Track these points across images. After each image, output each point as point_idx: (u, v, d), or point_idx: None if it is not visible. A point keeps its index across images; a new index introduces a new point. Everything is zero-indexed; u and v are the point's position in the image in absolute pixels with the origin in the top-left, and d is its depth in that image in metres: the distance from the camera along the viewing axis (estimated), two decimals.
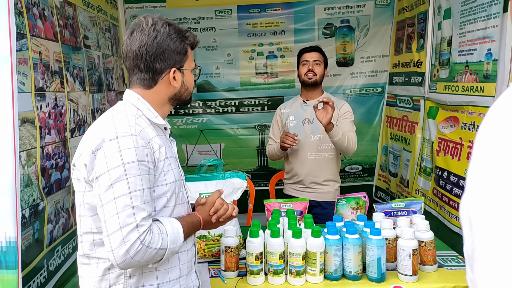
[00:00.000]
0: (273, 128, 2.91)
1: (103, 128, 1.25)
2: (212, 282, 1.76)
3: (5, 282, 1.41)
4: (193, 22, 3.83)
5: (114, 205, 1.17)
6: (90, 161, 1.22)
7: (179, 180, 1.37)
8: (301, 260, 1.72)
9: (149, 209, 1.21)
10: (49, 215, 1.88)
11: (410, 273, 1.72)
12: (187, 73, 1.39)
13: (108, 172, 1.18)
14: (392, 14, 3.77)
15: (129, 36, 1.32)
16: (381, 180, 3.91)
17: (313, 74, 2.70)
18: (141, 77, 1.33)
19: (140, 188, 1.19)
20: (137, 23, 1.33)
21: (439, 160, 2.72)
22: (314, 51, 2.75)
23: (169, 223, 1.26)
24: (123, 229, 1.16)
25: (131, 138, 1.21)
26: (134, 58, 1.31)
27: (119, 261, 1.16)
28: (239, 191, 2.04)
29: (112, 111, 1.33)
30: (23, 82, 1.70)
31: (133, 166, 1.19)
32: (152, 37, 1.29)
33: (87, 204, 1.28)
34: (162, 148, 1.30)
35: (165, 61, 1.32)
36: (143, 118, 1.32)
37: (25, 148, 1.70)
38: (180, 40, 1.33)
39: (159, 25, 1.31)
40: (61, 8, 2.21)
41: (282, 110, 2.87)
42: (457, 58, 2.54)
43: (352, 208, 2.22)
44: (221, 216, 1.44)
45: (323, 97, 2.58)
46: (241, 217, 2.27)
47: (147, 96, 1.35)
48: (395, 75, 3.69)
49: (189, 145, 4.00)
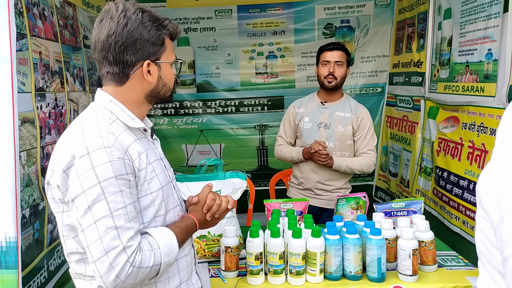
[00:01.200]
0: (284, 126, 2.69)
1: (72, 142, 1.11)
2: (212, 282, 1.76)
3: (5, 282, 1.41)
4: (193, 22, 3.84)
5: (96, 229, 1.06)
6: (62, 182, 1.10)
7: (167, 184, 1.25)
8: (301, 260, 1.72)
9: (135, 226, 1.11)
10: (49, 215, 1.88)
11: (410, 273, 1.72)
12: (165, 67, 1.23)
13: (83, 193, 1.06)
14: (392, 14, 3.77)
15: (98, 24, 1.17)
16: (381, 180, 3.91)
17: (333, 78, 2.48)
18: (111, 70, 1.18)
19: (122, 206, 1.08)
20: (107, 9, 1.18)
21: (439, 160, 2.72)
22: (337, 50, 2.50)
23: (160, 235, 1.16)
24: (109, 254, 1.05)
25: (105, 152, 1.08)
26: (102, 49, 1.16)
27: (110, 287, 1.07)
28: (239, 191, 2.03)
29: (81, 120, 1.18)
30: (23, 82, 1.70)
31: (111, 182, 1.07)
32: (122, 24, 1.14)
33: (67, 226, 1.17)
34: (143, 154, 1.17)
35: (137, 52, 1.16)
36: (118, 123, 1.18)
37: (25, 148, 1.70)
38: (156, 29, 1.18)
39: (130, 11, 1.16)
40: (61, 8, 2.21)
41: (296, 109, 2.64)
42: (458, 58, 2.54)
43: (352, 208, 2.22)
44: (215, 212, 1.33)
45: (320, 141, 2.45)
46: (241, 217, 2.28)
47: (120, 95, 1.20)
48: (395, 75, 3.69)
49: (189, 145, 4.00)
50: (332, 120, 2.56)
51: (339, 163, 2.48)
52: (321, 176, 2.57)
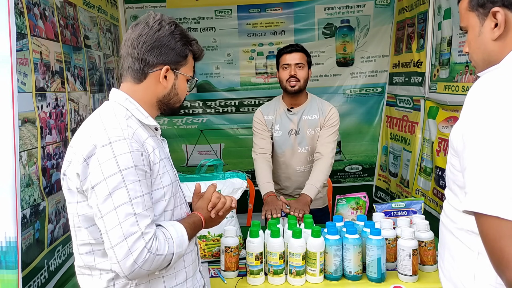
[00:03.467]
0: (257, 137, 2.51)
1: (93, 133, 1.17)
2: (212, 282, 1.76)
3: (5, 282, 1.41)
4: (193, 22, 3.84)
5: (116, 215, 1.11)
6: (82, 170, 1.14)
7: (175, 181, 1.32)
8: (301, 260, 1.72)
9: (151, 215, 1.16)
10: (49, 215, 1.88)
11: (410, 273, 1.72)
12: (181, 79, 1.31)
13: (104, 180, 1.11)
14: (392, 14, 3.77)
15: (134, 27, 1.28)
16: (381, 180, 3.91)
17: (296, 81, 2.37)
18: (132, 66, 1.26)
19: (141, 194, 1.14)
20: (145, 17, 1.29)
21: (439, 160, 2.72)
22: (296, 52, 2.40)
23: (172, 227, 1.22)
24: (128, 239, 1.10)
25: (125, 142, 1.15)
26: (131, 46, 1.25)
27: (127, 272, 1.11)
28: (239, 191, 2.04)
29: (100, 114, 1.24)
30: (24, 82, 1.71)
31: (131, 171, 1.13)
32: (155, 29, 1.24)
33: (82, 216, 1.21)
34: (156, 150, 1.24)
35: (160, 55, 1.25)
36: (133, 119, 1.25)
37: (26, 148, 1.70)
38: (183, 43, 1.28)
39: (165, 21, 1.26)
40: (62, 8, 2.21)
41: (265, 117, 2.51)
42: (457, 58, 2.54)
43: (352, 208, 2.22)
44: (220, 210, 1.40)
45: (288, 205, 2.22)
46: (241, 217, 2.28)
47: (136, 94, 1.28)
48: (395, 75, 3.69)
49: (189, 145, 4.01)
50: (301, 125, 2.47)
51: (313, 191, 2.31)
52: (298, 182, 2.51)
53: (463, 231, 1.15)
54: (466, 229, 1.14)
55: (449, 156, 1.20)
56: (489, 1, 1.11)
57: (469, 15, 1.17)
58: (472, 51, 1.19)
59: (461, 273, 1.17)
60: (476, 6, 1.14)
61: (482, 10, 1.13)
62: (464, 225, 1.15)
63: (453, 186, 1.19)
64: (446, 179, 1.26)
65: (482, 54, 1.16)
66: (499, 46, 1.11)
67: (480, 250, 1.09)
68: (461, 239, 1.17)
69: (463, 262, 1.16)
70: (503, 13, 1.09)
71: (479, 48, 1.16)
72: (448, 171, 1.23)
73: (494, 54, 1.12)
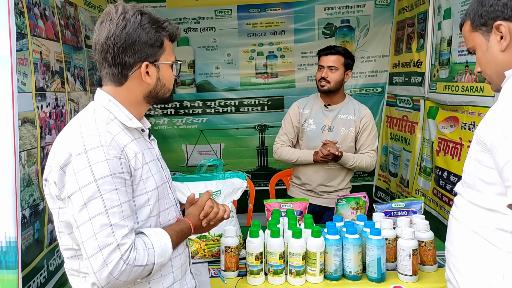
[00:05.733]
0: (286, 127, 2.67)
1: (70, 140, 1.13)
2: (212, 282, 1.76)
3: (5, 282, 1.41)
4: (193, 22, 3.84)
5: (91, 225, 1.07)
6: (59, 178, 1.12)
7: (162, 184, 1.27)
8: (301, 260, 1.72)
9: (130, 224, 1.12)
10: (49, 215, 1.88)
11: (410, 273, 1.72)
12: (164, 68, 1.25)
13: (79, 190, 1.08)
14: (392, 14, 3.77)
15: (99, 26, 1.20)
16: (381, 180, 3.91)
17: (326, 82, 2.51)
18: (110, 71, 1.21)
19: (117, 204, 1.10)
20: (107, 11, 1.20)
21: (439, 160, 2.72)
22: (331, 54, 2.54)
23: (155, 235, 1.18)
24: (103, 250, 1.07)
25: (101, 150, 1.10)
26: (102, 50, 1.19)
27: (103, 283, 1.09)
28: (239, 191, 2.04)
29: (80, 118, 1.20)
30: (24, 82, 1.71)
31: (107, 180, 1.09)
32: (121, 26, 1.16)
33: (63, 222, 1.19)
34: (139, 154, 1.19)
35: (135, 53, 1.18)
36: (116, 122, 1.20)
37: (25, 148, 1.70)
38: (155, 31, 1.20)
39: (130, 13, 1.18)
40: (62, 8, 2.21)
41: (301, 110, 2.64)
42: (457, 58, 2.54)
43: (352, 208, 2.22)
44: (211, 219, 1.37)
45: (330, 141, 2.48)
46: (241, 217, 2.28)
47: (119, 95, 1.23)
48: (395, 75, 3.69)
49: (189, 145, 4.00)
50: (336, 123, 2.59)
51: (347, 158, 2.50)
52: (324, 178, 2.60)
53: (490, 229, 1.15)
54: (493, 228, 1.14)
55: (473, 153, 1.20)
56: (490, 18, 1.19)
57: (474, 36, 1.24)
58: (484, 66, 1.25)
59: (487, 272, 1.16)
60: (478, 25, 1.22)
61: (485, 28, 1.21)
62: (490, 224, 1.15)
63: (478, 183, 1.19)
64: (466, 177, 1.25)
65: (494, 66, 1.22)
66: (509, 56, 1.18)
67: (510, 249, 1.10)
68: (487, 237, 1.16)
69: (489, 261, 1.16)
70: (506, 25, 1.16)
71: (489, 62, 1.23)
72: (471, 168, 1.22)
73: (506, 64, 1.19)
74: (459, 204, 1.29)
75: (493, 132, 1.09)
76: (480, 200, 1.19)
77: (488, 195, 1.16)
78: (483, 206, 1.18)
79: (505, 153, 1.02)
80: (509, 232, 1.09)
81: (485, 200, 1.17)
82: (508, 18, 1.17)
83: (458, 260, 1.26)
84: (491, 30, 1.19)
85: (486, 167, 1.15)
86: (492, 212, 1.11)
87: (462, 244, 1.25)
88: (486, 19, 1.20)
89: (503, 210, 1.10)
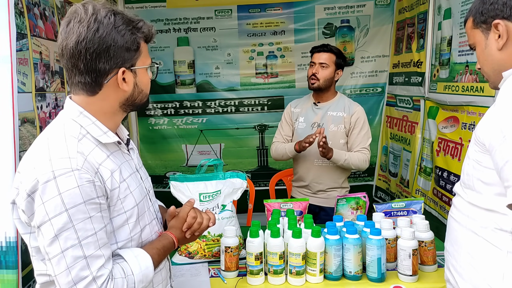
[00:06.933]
0: (282, 126, 2.75)
1: (37, 164, 1.01)
2: (212, 282, 1.76)
3: (5, 282, 1.41)
4: (193, 22, 3.84)
5: (63, 259, 0.99)
6: (27, 206, 1.01)
7: (143, 199, 1.19)
8: (301, 260, 1.72)
9: (106, 252, 1.03)
10: None
11: (410, 273, 1.72)
12: (140, 73, 1.14)
13: (50, 221, 0.98)
14: (392, 14, 3.77)
15: (65, 28, 1.06)
16: (381, 180, 3.91)
17: (316, 79, 2.54)
18: (81, 80, 1.08)
19: (92, 233, 1.01)
20: (73, 11, 1.06)
21: (439, 160, 2.72)
22: (323, 52, 2.56)
23: (134, 260, 1.10)
24: (78, 284, 0.99)
25: (73, 175, 0.99)
26: (72, 56, 1.05)
27: None
28: (239, 191, 2.04)
29: (48, 136, 1.07)
30: (24, 82, 1.71)
31: (79, 209, 0.99)
32: (93, 29, 1.03)
33: (35, 248, 1.10)
34: (116, 172, 1.10)
35: (110, 59, 1.06)
36: (89, 138, 1.09)
37: (25, 148, 1.70)
38: (130, 33, 1.08)
39: (101, 14, 1.05)
40: (62, 8, 2.21)
41: (292, 109, 2.72)
42: (457, 58, 2.54)
43: (352, 208, 2.22)
44: (195, 230, 1.28)
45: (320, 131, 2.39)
46: (241, 217, 2.28)
47: (92, 105, 1.11)
48: (395, 75, 3.69)
49: (189, 145, 4.00)
50: (325, 120, 2.60)
51: (339, 155, 2.50)
52: (316, 175, 2.62)
53: (489, 229, 1.16)
54: (493, 228, 1.15)
55: (472, 153, 1.22)
56: (489, 16, 1.21)
57: (475, 33, 1.27)
58: (482, 63, 1.28)
59: (486, 273, 1.17)
60: (479, 23, 1.24)
61: (485, 26, 1.23)
62: (489, 224, 1.16)
63: (477, 184, 1.20)
64: (465, 178, 1.27)
65: (491, 64, 1.24)
66: (506, 55, 1.20)
67: (510, 249, 1.11)
68: (487, 238, 1.17)
69: (489, 261, 1.17)
70: (504, 24, 1.19)
71: (487, 59, 1.25)
72: (469, 169, 1.24)
73: (502, 62, 1.21)
74: (458, 205, 1.29)
75: (492, 133, 1.10)
76: (479, 201, 1.19)
77: (487, 195, 1.17)
78: (482, 206, 1.18)
79: (504, 153, 1.02)
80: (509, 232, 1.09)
81: (484, 200, 1.17)
82: (506, 17, 1.18)
83: (457, 261, 1.26)
84: (490, 28, 1.21)
85: (485, 168, 1.16)
86: (492, 212, 1.11)
87: (462, 245, 1.25)
88: (486, 17, 1.22)
89: (502, 210, 1.10)
